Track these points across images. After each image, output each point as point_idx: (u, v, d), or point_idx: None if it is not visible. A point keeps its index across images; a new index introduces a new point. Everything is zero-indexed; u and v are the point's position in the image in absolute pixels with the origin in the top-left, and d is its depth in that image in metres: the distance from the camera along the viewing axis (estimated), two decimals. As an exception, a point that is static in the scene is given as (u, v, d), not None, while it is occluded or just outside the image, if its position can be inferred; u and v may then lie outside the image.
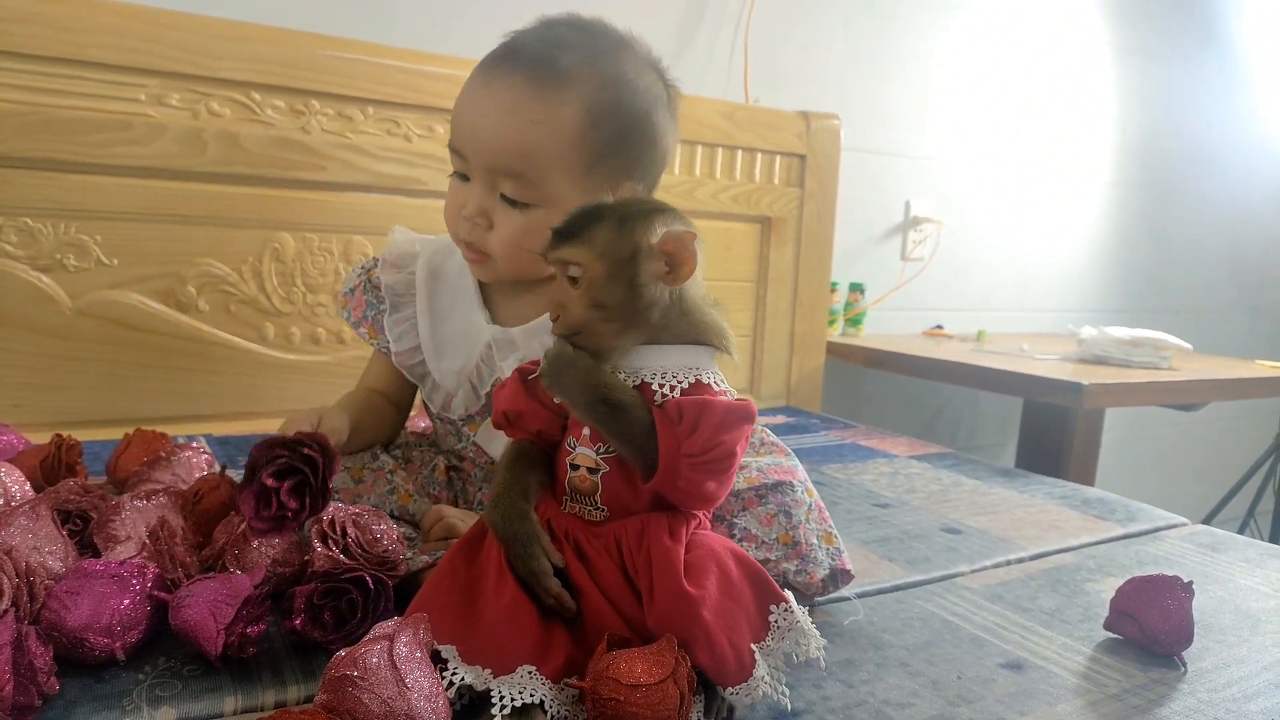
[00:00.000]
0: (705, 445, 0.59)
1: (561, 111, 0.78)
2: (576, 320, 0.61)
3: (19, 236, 1.15)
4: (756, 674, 0.57)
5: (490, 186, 0.80)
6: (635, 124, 0.81)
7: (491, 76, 0.79)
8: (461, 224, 0.82)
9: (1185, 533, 1.11)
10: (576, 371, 0.60)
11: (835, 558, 0.78)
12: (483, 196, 0.80)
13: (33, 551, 0.66)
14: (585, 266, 0.61)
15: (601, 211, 0.62)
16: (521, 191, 0.79)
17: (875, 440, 1.53)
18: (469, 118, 0.80)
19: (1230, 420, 2.90)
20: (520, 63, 0.79)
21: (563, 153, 0.78)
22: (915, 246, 2.19)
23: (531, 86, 0.77)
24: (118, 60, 1.17)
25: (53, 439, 0.87)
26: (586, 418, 0.61)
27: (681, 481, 0.60)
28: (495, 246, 0.81)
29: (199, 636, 0.60)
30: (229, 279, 1.28)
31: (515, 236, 0.81)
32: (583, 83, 0.79)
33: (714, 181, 1.68)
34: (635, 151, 0.82)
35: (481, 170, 0.80)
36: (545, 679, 0.56)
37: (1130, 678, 0.70)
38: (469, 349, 0.87)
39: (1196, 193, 2.81)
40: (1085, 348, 1.82)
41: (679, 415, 0.59)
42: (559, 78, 0.78)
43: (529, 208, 0.80)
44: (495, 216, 0.81)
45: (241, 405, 1.30)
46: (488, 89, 0.79)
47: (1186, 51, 2.69)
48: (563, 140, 0.78)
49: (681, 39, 1.79)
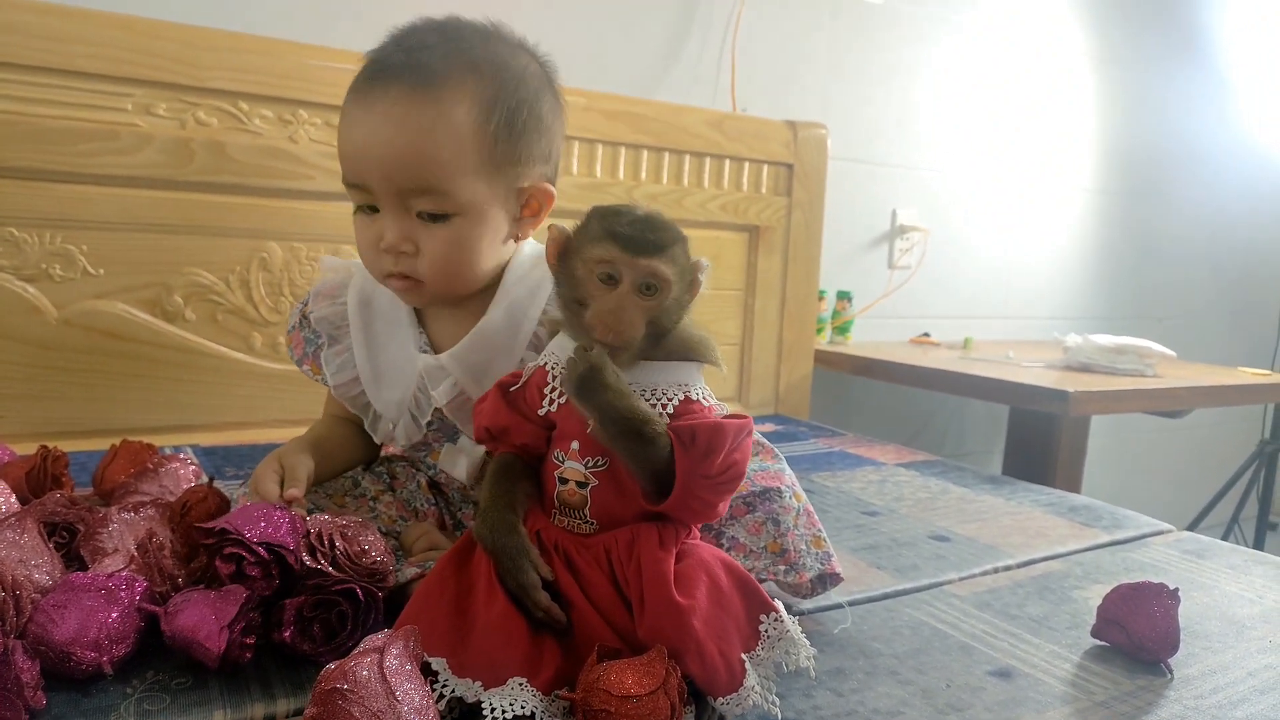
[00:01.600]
0: (721, 467, 0.60)
1: (453, 112, 0.75)
2: (634, 335, 0.60)
3: (4, 246, 1.15)
4: (747, 683, 0.58)
5: (403, 209, 0.76)
6: (526, 107, 0.78)
7: (370, 99, 0.75)
8: (383, 258, 0.78)
9: (1171, 539, 1.11)
10: (613, 395, 0.58)
11: (824, 562, 0.79)
12: (399, 223, 0.76)
13: (19, 565, 0.65)
14: (669, 284, 0.61)
15: (671, 228, 0.62)
16: (439, 204, 0.76)
17: (863, 448, 1.53)
18: (360, 146, 0.75)
19: (1214, 427, 2.92)
20: (393, 77, 0.75)
21: (466, 153, 0.75)
22: (902, 255, 2.20)
23: (414, 96, 0.74)
24: (105, 70, 1.17)
25: (39, 450, 0.86)
26: (613, 444, 0.59)
27: (696, 503, 0.60)
28: (427, 269, 0.77)
29: (198, 637, 0.59)
30: (216, 289, 1.27)
31: (445, 252, 0.77)
32: (463, 78, 0.75)
33: (702, 191, 1.68)
34: (533, 135, 0.80)
35: (390, 196, 0.76)
36: (536, 690, 0.56)
37: (1117, 685, 0.71)
38: (406, 378, 0.84)
39: (1179, 200, 2.83)
40: (1071, 355, 1.83)
41: (691, 439, 0.59)
42: (438, 80, 0.74)
43: (450, 218, 0.76)
44: (419, 238, 0.77)
45: (229, 415, 1.30)
46: (370, 112, 0.75)
47: (1167, 60, 2.72)
48: (462, 141, 0.75)
49: (669, 49, 1.80)
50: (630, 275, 0.60)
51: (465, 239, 0.77)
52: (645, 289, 0.60)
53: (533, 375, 0.66)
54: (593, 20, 1.70)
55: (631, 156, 1.60)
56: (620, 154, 1.59)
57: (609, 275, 0.60)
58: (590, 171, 1.56)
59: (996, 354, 1.97)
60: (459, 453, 0.83)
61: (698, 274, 0.63)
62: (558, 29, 1.65)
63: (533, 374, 0.66)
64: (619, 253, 0.60)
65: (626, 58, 1.75)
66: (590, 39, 1.70)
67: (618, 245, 0.60)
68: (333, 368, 0.86)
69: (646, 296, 0.60)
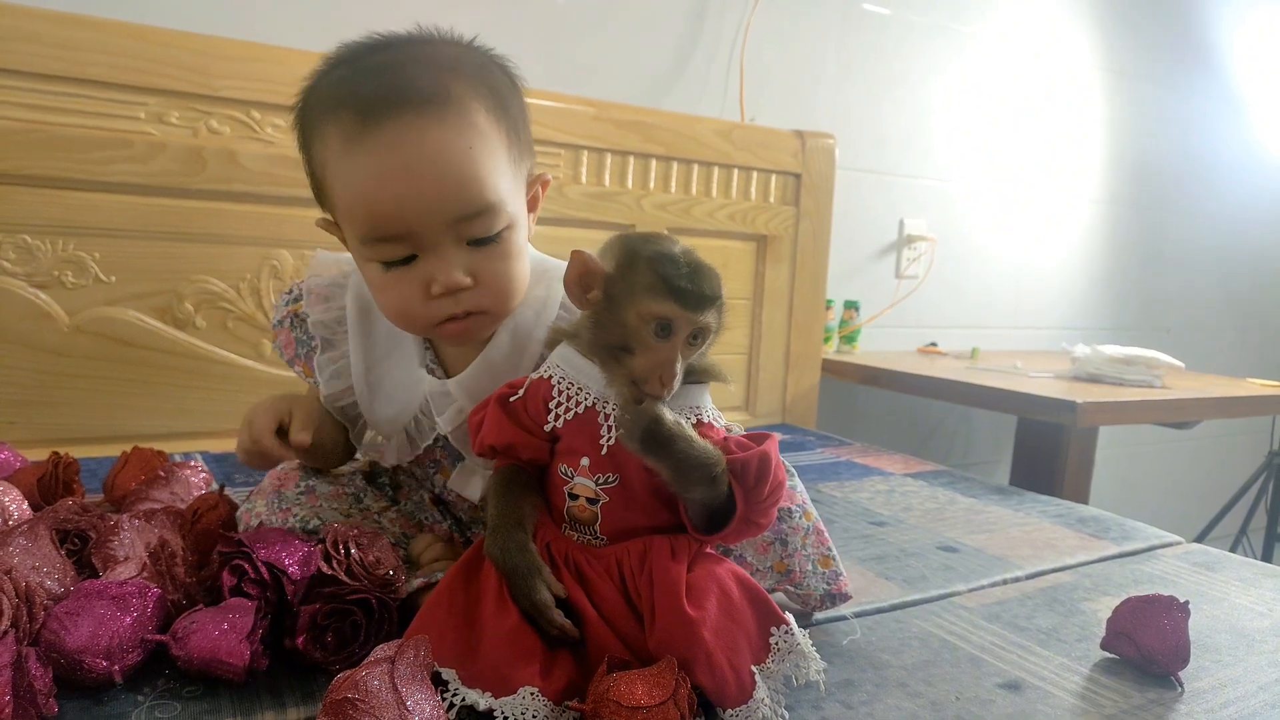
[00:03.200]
0: (771, 489, 0.60)
1: (478, 121, 0.69)
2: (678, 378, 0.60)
3: (17, 253, 1.15)
4: (756, 695, 0.58)
5: (455, 243, 0.69)
6: (512, 90, 0.74)
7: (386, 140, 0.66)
8: (437, 305, 0.71)
9: (1180, 551, 1.11)
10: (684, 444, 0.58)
11: (831, 582, 0.78)
12: (452, 260, 0.69)
13: (32, 572, 0.65)
14: (714, 331, 0.62)
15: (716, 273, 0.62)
16: (493, 223, 0.70)
17: (871, 458, 1.53)
18: (400, 190, 0.67)
19: (1222, 438, 2.91)
20: (394, 109, 0.66)
21: (502, 159, 0.71)
22: (909, 264, 2.20)
23: (434, 119, 0.67)
24: (118, 79, 1.18)
25: (50, 457, 0.87)
26: (685, 491, 0.60)
27: (749, 529, 0.61)
28: (491, 297, 0.72)
29: (220, 655, 0.59)
30: (227, 296, 1.28)
31: (507, 270, 0.72)
32: (464, 83, 0.69)
33: (710, 200, 1.68)
34: (526, 117, 0.76)
35: (439, 233, 0.68)
36: (547, 700, 0.56)
37: (1127, 698, 0.71)
38: (407, 398, 0.80)
39: (1188, 212, 2.83)
40: (1079, 366, 1.83)
41: (742, 471, 0.59)
42: (448, 93, 0.68)
43: (501, 234, 0.71)
44: (475, 268, 0.70)
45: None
46: (394, 153, 0.66)
47: (1177, 72, 2.72)
48: (497, 147, 0.70)
49: (678, 59, 1.81)
50: (687, 329, 0.60)
51: (517, 249, 0.73)
52: (694, 338, 0.61)
53: (533, 387, 0.65)
54: (602, 30, 1.71)
55: (640, 165, 1.61)
56: (629, 163, 1.59)
57: (665, 328, 0.59)
58: (599, 180, 1.56)
59: (1004, 364, 1.97)
60: (471, 473, 0.80)
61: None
62: (567, 39, 1.66)
63: (533, 386, 0.66)
64: (680, 310, 0.59)
65: (636, 67, 1.76)
66: (600, 49, 1.70)
67: (679, 301, 0.59)
68: (325, 375, 0.82)
69: (694, 346, 0.61)
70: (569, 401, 0.64)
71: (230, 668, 0.60)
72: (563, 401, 0.64)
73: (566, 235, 1.52)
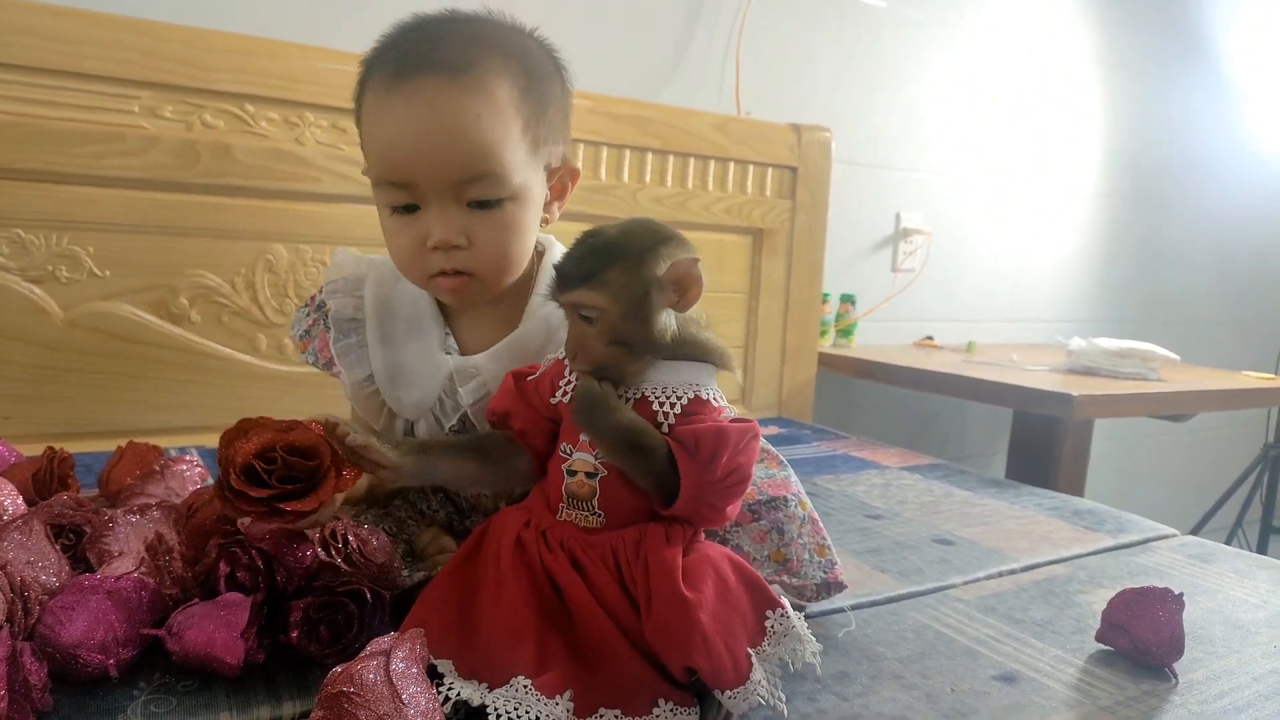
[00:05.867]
0: (726, 470, 0.61)
1: (495, 94, 0.74)
2: (596, 358, 0.63)
3: (11, 248, 1.15)
4: (753, 678, 0.58)
5: (454, 201, 0.74)
6: (551, 83, 0.80)
7: (405, 92, 0.73)
8: (431, 257, 0.76)
9: (1175, 544, 1.11)
10: (605, 412, 0.61)
11: (827, 570, 0.78)
12: (449, 217, 0.74)
13: (26, 566, 0.65)
14: (602, 309, 0.62)
15: (610, 250, 0.62)
16: (493, 189, 0.74)
17: (867, 451, 1.53)
18: (406, 141, 0.73)
19: (1218, 431, 2.92)
20: (426, 68, 0.73)
21: (513, 134, 0.75)
22: (905, 258, 2.20)
23: (454, 84, 0.72)
24: (111, 72, 1.17)
25: (45, 452, 0.87)
26: (614, 458, 0.62)
27: (705, 508, 0.62)
28: (482, 262, 0.76)
29: (215, 651, 0.59)
30: (221, 290, 1.28)
31: (500, 239, 0.76)
32: (494, 60, 0.74)
33: (706, 194, 1.68)
34: (559, 110, 0.81)
35: (440, 189, 0.74)
36: (539, 693, 0.56)
37: (1122, 690, 0.71)
38: (429, 380, 0.82)
39: (1184, 204, 2.83)
40: (1074, 359, 1.83)
41: (695, 444, 0.60)
42: (473, 65, 0.73)
43: (502, 203, 0.75)
44: (471, 230, 0.75)
45: (234, 417, 1.27)
46: (412, 105, 0.73)
47: (1173, 64, 2.71)
48: (509, 122, 0.74)
49: (675, 52, 1.80)
50: (566, 308, 0.64)
51: (517, 223, 0.77)
52: (584, 318, 0.63)
53: (550, 367, 0.68)
54: (598, 23, 1.70)
55: (636, 159, 1.60)
56: (625, 156, 1.59)
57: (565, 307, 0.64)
58: (595, 174, 1.56)
59: (1000, 357, 1.97)
60: None
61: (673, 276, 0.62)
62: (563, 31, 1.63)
63: (550, 366, 0.68)
64: (554, 289, 0.64)
65: (632, 60, 1.75)
66: (596, 42, 1.70)
67: (555, 282, 0.64)
68: (348, 361, 0.84)
69: (590, 323, 0.62)
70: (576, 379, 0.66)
71: (225, 665, 0.60)
72: (571, 379, 0.66)
73: (562, 229, 1.51)
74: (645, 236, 0.63)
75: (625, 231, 0.64)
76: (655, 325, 0.63)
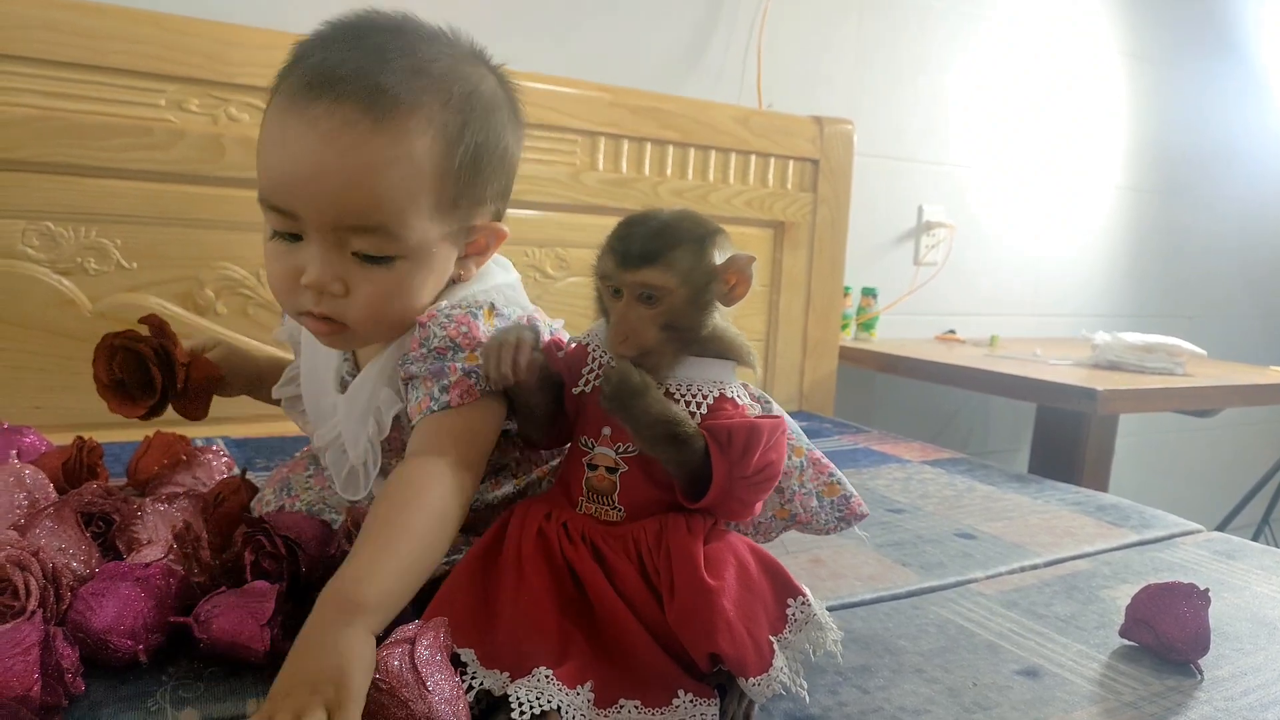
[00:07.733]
0: (758, 466, 0.61)
1: (415, 145, 0.64)
2: (649, 342, 0.62)
3: (40, 240, 1.17)
4: (776, 664, 0.58)
5: (337, 246, 0.66)
6: (491, 139, 0.69)
7: (312, 114, 0.63)
8: (302, 295, 0.67)
9: (1200, 539, 1.10)
10: (646, 403, 0.59)
11: (843, 508, 0.74)
12: (329, 259, 0.66)
13: (58, 554, 0.66)
14: (670, 290, 0.61)
15: (674, 233, 0.62)
16: (382, 245, 0.66)
17: (888, 445, 1.53)
18: (295, 169, 0.64)
19: (1244, 426, 2.88)
20: (344, 91, 0.63)
21: (424, 192, 0.66)
22: (928, 251, 2.19)
23: (369, 119, 0.63)
24: (138, 66, 1.19)
25: (74, 441, 0.88)
26: (651, 449, 0.61)
27: (733, 502, 0.62)
28: (355, 315, 0.68)
29: (241, 640, 0.60)
30: (247, 282, 1.29)
31: (381, 298, 0.68)
32: (427, 104, 0.65)
33: (727, 186, 1.68)
34: (496, 171, 0.71)
35: (323, 230, 0.65)
36: (561, 683, 0.56)
37: (1146, 685, 0.70)
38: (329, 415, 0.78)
39: (1210, 198, 2.79)
40: (1099, 353, 1.82)
41: (728, 439, 0.60)
42: (397, 102, 0.64)
43: (392, 261, 0.67)
44: (351, 279, 0.67)
45: (259, 407, 1.29)
46: (313, 130, 0.63)
47: (1199, 57, 2.68)
48: (422, 179, 0.65)
49: (696, 45, 1.80)
50: (628, 288, 0.61)
51: (405, 284, 0.68)
52: (646, 299, 0.61)
53: (574, 350, 0.68)
54: (619, 16, 1.70)
55: (657, 152, 1.60)
56: (646, 149, 1.59)
57: (615, 289, 0.62)
58: (616, 167, 1.56)
59: (1023, 351, 1.96)
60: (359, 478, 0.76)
61: (731, 271, 0.63)
62: (585, 24, 1.65)
63: (574, 349, 0.68)
64: (614, 267, 0.62)
65: (653, 53, 1.75)
66: (617, 34, 1.70)
67: (614, 259, 0.62)
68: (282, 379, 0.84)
69: (649, 305, 0.61)
70: (600, 369, 0.66)
71: (252, 653, 0.60)
72: (593, 369, 0.66)
73: (583, 222, 1.52)
74: (701, 224, 0.63)
75: (680, 217, 0.63)
76: (708, 315, 0.63)
